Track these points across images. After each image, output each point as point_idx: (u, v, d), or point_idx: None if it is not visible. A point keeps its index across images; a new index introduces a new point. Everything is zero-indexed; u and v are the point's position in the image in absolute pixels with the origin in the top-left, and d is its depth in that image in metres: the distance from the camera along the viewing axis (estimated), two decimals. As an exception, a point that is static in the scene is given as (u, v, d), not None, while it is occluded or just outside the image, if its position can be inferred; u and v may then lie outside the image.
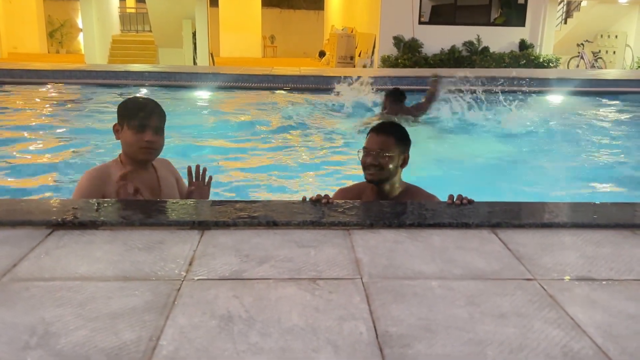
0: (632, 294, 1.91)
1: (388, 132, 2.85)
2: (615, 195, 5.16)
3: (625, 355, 1.55)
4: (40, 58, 18.96)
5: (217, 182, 4.54)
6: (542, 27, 16.61)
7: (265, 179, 5.33)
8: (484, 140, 7.07)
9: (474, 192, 2.75)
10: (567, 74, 12.34)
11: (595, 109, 9.24)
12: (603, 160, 6.25)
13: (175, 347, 1.55)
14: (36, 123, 7.05)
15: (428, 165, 5.55)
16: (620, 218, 2.51)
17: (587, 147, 6.76)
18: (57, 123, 7.25)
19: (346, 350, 1.55)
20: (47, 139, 6.30)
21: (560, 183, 5.33)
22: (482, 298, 1.85)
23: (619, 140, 7.24)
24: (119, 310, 1.74)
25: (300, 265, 2.07)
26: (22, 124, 6.88)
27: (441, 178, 5.43)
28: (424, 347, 1.58)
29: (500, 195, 4.46)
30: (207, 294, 1.85)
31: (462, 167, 5.89)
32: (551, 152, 6.47)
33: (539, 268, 2.08)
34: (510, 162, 6.08)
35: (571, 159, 6.18)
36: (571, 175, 5.60)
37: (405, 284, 1.94)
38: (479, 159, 6.13)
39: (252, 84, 9.05)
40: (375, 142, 2.82)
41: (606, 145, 6.98)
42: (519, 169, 5.86)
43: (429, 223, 2.43)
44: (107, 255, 2.11)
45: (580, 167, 5.94)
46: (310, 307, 1.78)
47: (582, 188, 5.26)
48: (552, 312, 1.77)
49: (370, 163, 2.79)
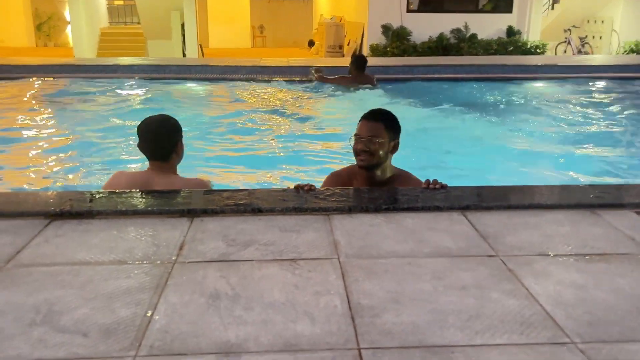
0: (583, 266, 2.09)
1: (379, 118, 2.95)
2: (601, 177, 5.30)
3: (570, 319, 1.74)
4: (28, 52, 18.93)
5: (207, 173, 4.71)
6: (529, 13, 16.76)
7: (254, 167, 5.47)
8: (470, 125, 7.26)
9: (461, 176, 2.87)
10: (552, 60, 12.52)
11: (579, 94, 9.42)
12: (586, 144, 6.41)
13: (167, 322, 1.72)
14: (24, 118, 7.16)
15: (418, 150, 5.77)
16: (581, 199, 2.70)
17: (570, 131, 6.95)
18: (46, 118, 7.35)
19: (321, 320, 1.73)
20: (35, 135, 6.41)
21: (546, 166, 5.51)
22: (447, 273, 2.04)
23: (605, 124, 7.42)
24: (116, 291, 1.91)
25: (282, 247, 2.24)
26: (9, 120, 6.98)
27: (428, 162, 5.61)
28: (392, 316, 1.76)
29: (485, 179, 4.67)
30: (197, 275, 2.02)
31: (451, 151, 6.06)
32: (533, 136, 6.66)
33: (502, 246, 2.26)
34: (494, 146, 6.26)
35: (553, 143, 6.36)
36: (558, 159, 5.76)
37: (378, 262, 2.12)
38: (466, 144, 6.30)
39: (240, 75, 9.18)
40: (366, 128, 2.90)
41: (589, 128, 7.17)
42: (506, 153, 6.03)
43: (403, 207, 2.61)
44: (103, 242, 2.27)
45: (565, 150, 6.09)
46: (290, 284, 1.95)
47: (567, 170, 5.41)
48: (509, 284, 1.96)
49: (362, 149, 2.87)
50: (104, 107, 7.83)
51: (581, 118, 7.69)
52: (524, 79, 10.09)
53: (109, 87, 8.93)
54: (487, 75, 9.96)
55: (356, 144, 2.91)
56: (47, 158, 5.38)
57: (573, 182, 4.93)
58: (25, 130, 6.58)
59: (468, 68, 10.48)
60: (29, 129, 6.61)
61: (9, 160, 5.48)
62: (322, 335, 1.66)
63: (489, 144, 6.36)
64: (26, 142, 5.99)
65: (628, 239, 2.34)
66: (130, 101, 8.37)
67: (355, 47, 15.69)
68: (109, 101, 8.22)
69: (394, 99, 8.35)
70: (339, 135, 6.04)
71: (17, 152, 5.65)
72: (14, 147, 5.85)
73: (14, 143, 6.01)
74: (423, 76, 9.66)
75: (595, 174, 5.21)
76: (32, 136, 6.31)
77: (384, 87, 8.62)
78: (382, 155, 2.90)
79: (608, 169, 5.44)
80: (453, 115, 7.62)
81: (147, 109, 7.63)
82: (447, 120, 7.46)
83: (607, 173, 5.27)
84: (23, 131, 6.55)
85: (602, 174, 5.23)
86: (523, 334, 1.66)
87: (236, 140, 6.46)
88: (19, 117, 7.23)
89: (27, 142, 6.04)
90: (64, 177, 4.92)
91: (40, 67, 9.68)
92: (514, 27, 16.41)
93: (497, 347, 1.61)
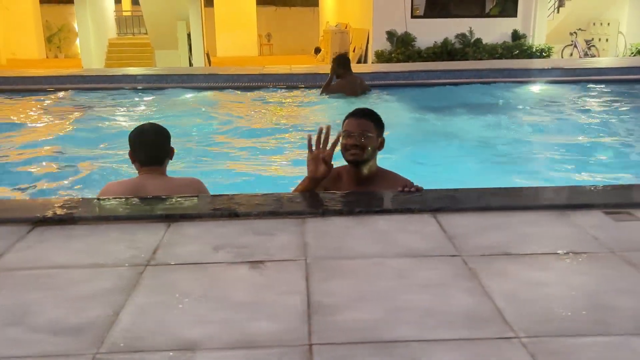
0: (544, 265, 2.15)
1: (367, 116, 3.05)
2: (605, 178, 5.30)
3: (520, 316, 1.80)
4: (39, 64, 19.27)
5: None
6: (534, 17, 16.77)
7: (256, 171, 5.56)
8: (471, 127, 7.29)
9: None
10: (557, 64, 12.51)
11: (585, 97, 9.42)
12: (592, 146, 6.39)
13: (132, 321, 1.81)
14: (23, 129, 7.31)
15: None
16: (552, 200, 2.75)
17: (576, 133, 6.93)
18: (45, 128, 7.48)
19: (280, 319, 1.81)
20: (40, 145, 6.55)
21: (550, 168, 5.53)
22: (409, 273, 2.10)
23: (612, 126, 7.41)
24: (89, 293, 1.99)
25: (254, 250, 2.32)
26: (16, 130, 7.14)
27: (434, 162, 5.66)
28: (349, 314, 1.83)
29: (486, 181, 4.73)
30: (167, 277, 2.10)
31: (458, 151, 6.10)
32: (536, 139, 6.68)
33: (467, 246, 2.33)
34: (497, 149, 6.30)
35: (557, 145, 6.36)
36: (565, 162, 5.77)
37: (345, 263, 2.20)
38: (467, 145, 6.34)
39: (242, 84, 9.30)
40: (356, 124, 2.99)
41: (595, 130, 7.15)
42: (509, 156, 6.05)
43: (376, 210, 2.68)
44: (83, 247, 2.37)
45: (572, 153, 6.09)
46: (256, 285, 2.03)
47: (573, 173, 5.42)
48: (467, 283, 2.02)
49: (353, 144, 2.94)
50: (102, 116, 7.97)
51: (587, 120, 7.68)
52: (527, 82, 10.08)
53: (108, 97, 9.10)
54: (490, 79, 9.97)
55: (346, 139, 2.97)
56: (44, 167, 5.49)
57: (580, 183, 4.91)
58: (24, 140, 6.72)
59: (470, 72, 10.51)
60: (28, 140, 6.75)
61: (12, 170, 5.62)
62: (278, 332, 1.73)
63: (487, 147, 6.40)
64: (25, 152, 6.12)
65: (592, 239, 2.39)
66: (128, 111, 8.51)
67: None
68: (107, 111, 8.37)
69: (394, 104, 8.45)
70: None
71: (15, 161, 5.77)
72: (11, 154, 5.98)
73: (10, 151, 6.15)
74: (424, 81, 9.71)
75: (604, 176, 5.21)
76: (30, 145, 6.44)
77: (389, 92, 8.72)
78: (371, 150, 2.99)
79: (615, 170, 5.43)
80: (457, 120, 7.67)
81: (146, 118, 7.76)
82: (450, 124, 7.49)
83: (614, 174, 5.27)
84: (22, 141, 6.69)
85: (609, 175, 5.23)
86: (471, 330, 1.73)
87: (238, 146, 6.56)
88: (17, 127, 7.38)
89: (25, 151, 6.17)
90: (61, 185, 5.04)
91: (44, 78, 9.85)
92: (519, 31, 16.43)
93: (444, 341, 1.67)
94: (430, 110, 8.23)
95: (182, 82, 9.42)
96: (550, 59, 15.44)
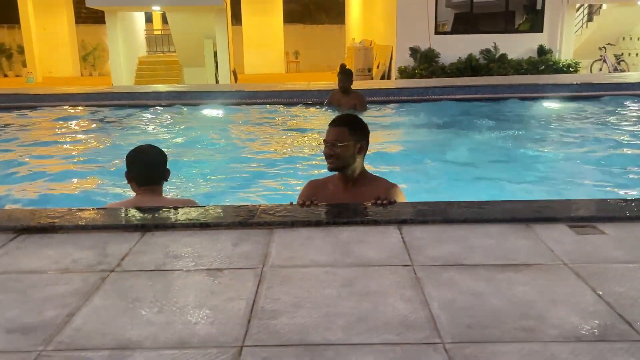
0: (490, 275, 2.20)
1: (341, 123, 3.14)
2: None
3: (451, 323, 1.85)
4: (71, 81, 19.88)
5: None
6: (560, 32, 16.62)
7: (266, 186, 5.68)
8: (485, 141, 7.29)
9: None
10: (581, 79, 12.37)
11: (615, 112, 9.30)
12: (621, 161, 6.31)
13: (84, 321, 1.92)
14: (46, 144, 7.60)
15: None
16: (518, 213, 2.79)
17: (604, 148, 6.85)
18: (79, 144, 7.77)
19: (220, 322, 1.90)
20: (63, 160, 6.80)
21: (574, 182, 5.50)
22: (357, 281, 2.17)
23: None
24: (50, 296, 2.12)
25: (215, 258, 2.42)
26: (40, 147, 7.42)
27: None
28: (286, 318, 1.91)
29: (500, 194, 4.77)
30: (126, 282, 2.22)
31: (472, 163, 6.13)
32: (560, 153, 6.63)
33: (421, 257, 2.38)
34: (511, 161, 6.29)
35: (585, 160, 6.30)
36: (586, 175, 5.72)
37: (297, 271, 2.28)
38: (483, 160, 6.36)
39: (259, 100, 9.49)
40: (330, 133, 3.11)
41: (624, 145, 7.06)
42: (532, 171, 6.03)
43: (343, 221, 2.75)
44: (55, 254, 2.50)
45: (599, 167, 6.03)
46: (207, 291, 2.13)
47: (597, 186, 5.36)
48: (410, 291, 2.08)
49: (327, 153, 3.08)
50: (122, 132, 8.23)
51: (616, 135, 7.58)
52: (555, 98, 9.98)
53: (129, 113, 9.38)
54: (505, 94, 9.95)
55: (324, 149, 3.10)
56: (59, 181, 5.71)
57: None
58: (45, 153, 6.99)
59: (490, 88, 10.48)
60: (46, 153, 7.02)
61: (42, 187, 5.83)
62: (215, 334, 1.82)
63: (508, 161, 6.38)
64: (41, 164, 6.37)
65: (548, 251, 2.42)
66: (141, 127, 8.77)
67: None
68: (124, 126, 8.65)
69: (412, 119, 8.53)
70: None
71: (28, 174, 6.01)
72: (27, 168, 6.23)
73: (27, 164, 6.40)
74: (439, 97, 9.75)
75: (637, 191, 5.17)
76: (46, 157, 6.70)
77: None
78: (348, 157, 3.08)
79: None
80: (472, 134, 7.67)
81: (155, 134, 8.00)
82: (471, 138, 7.50)
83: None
84: (44, 154, 6.96)
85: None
86: (399, 335, 1.79)
87: (248, 159, 6.70)
88: (38, 142, 7.67)
89: (42, 163, 6.42)
90: (74, 196, 5.24)
91: (70, 95, 10.22)
92: (545, 46, 16.30)
93: (370, 345, 1.74)
94: (443, 125, 8.28)
95: (202, 99, 9.66)
96: (573, 74, 15.21)
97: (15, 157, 6.69)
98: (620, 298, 2.00)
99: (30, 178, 5.84)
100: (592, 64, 18.35)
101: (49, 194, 5.35)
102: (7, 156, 6.76)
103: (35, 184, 5.63)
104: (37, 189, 5.48)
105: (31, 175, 5.92)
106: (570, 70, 15.82)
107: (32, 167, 6.25)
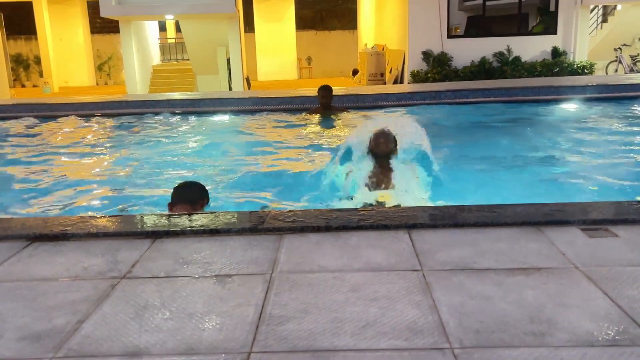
0: (500, 280, 2.18)
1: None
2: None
3: (460, 328, 1.83)
4: (86, 90, 20.11)
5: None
6: (574, 34, 16.49)
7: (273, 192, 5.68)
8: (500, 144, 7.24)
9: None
10: (594, 80, 12.27)
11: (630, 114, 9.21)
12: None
13: (93, 328, 1.93)
14: (58, 153, 7.67)
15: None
16: (529, 217, 2.76)
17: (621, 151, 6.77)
18: (93, 153, 7.84)
19: (228, 328, 1.90)
20: (78, 168, 6.87)
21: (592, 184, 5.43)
22: (365, 286, 2.16)
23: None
24: (61, 303, 2.13)
25: (224, 265, 2.42)
26: (53, 155, 7.50)
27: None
28: (294, 324, 1.90)
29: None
30: (136, 289, 2.23)
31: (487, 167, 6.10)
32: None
33: (430, 261, 2.37)
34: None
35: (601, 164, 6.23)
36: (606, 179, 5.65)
37: (306, 277, 2.27)
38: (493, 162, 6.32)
39: (270, 106, 9.52)
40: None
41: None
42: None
43: (353, 226, 2.75)
44: (67, 261, 2.52)
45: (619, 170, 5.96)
46: (216, 297, 2.13)
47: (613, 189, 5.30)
48: (418, 296, 2.07)
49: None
50: (135, 140, 8.29)
51: (631, 137, 7.49)
52: (570, 99, 9.90)
53: (138, 122, 9.46)
54: (519, 97, 9.89)
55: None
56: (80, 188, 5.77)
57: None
58: (58, 161, 7.06)
59: (504, 91, 10.42)
60: (66, 161, 7.10)
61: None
62: (223, 341, 1.82)
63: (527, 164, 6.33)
64: (53, 173, 6.44)
65: (559, 254, 2.39)
66: (156, 135, 8.82)
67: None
68: (131, 135, 8.72)
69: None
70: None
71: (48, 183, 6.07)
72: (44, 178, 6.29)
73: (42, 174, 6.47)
74: (452, 101, 9.72)
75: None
76: (61, 165, 6.77)
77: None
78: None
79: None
80: (491, 137, 7.63)
81: (174, 141, 8.05)
82: (483, 142, 7.46)
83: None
84: (54, 163, 7.03)
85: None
86: (407, 340, 1.78)
87: (260, 164, 6.71)
88: (53, 150, 7.75)
89: (53, 172, 6.48)
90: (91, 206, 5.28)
91: (86, 104, 10.31)
92: (560, 47, 16.19)
93: (377, 351, 1.73)
94: (455, 129, 8.25)
95: (214, 106, 9.72)
96: (588, 75, 15.07)
97: (30, 166, 6.76)
98: (633, 302, 1.98)
99: (45, 187, 5.90)
100: (608, 65, 18.20)
101: (63, 202, 5.40)
102: (21, 165, 6.84)
103: (49, 192, 5.69)
104: (51, 197, 5.53)
105: (45, 184, 5.98)
106: (585, 72, 15.69)
107: (46, 175, 6.32)
